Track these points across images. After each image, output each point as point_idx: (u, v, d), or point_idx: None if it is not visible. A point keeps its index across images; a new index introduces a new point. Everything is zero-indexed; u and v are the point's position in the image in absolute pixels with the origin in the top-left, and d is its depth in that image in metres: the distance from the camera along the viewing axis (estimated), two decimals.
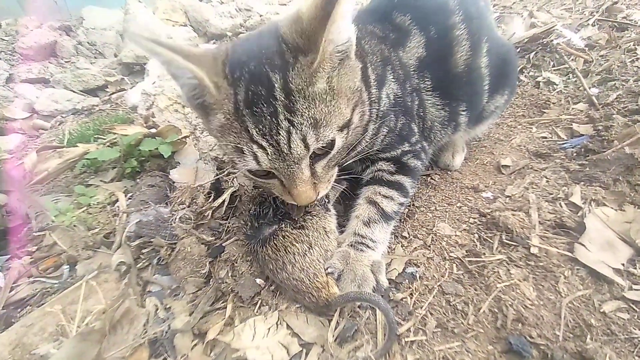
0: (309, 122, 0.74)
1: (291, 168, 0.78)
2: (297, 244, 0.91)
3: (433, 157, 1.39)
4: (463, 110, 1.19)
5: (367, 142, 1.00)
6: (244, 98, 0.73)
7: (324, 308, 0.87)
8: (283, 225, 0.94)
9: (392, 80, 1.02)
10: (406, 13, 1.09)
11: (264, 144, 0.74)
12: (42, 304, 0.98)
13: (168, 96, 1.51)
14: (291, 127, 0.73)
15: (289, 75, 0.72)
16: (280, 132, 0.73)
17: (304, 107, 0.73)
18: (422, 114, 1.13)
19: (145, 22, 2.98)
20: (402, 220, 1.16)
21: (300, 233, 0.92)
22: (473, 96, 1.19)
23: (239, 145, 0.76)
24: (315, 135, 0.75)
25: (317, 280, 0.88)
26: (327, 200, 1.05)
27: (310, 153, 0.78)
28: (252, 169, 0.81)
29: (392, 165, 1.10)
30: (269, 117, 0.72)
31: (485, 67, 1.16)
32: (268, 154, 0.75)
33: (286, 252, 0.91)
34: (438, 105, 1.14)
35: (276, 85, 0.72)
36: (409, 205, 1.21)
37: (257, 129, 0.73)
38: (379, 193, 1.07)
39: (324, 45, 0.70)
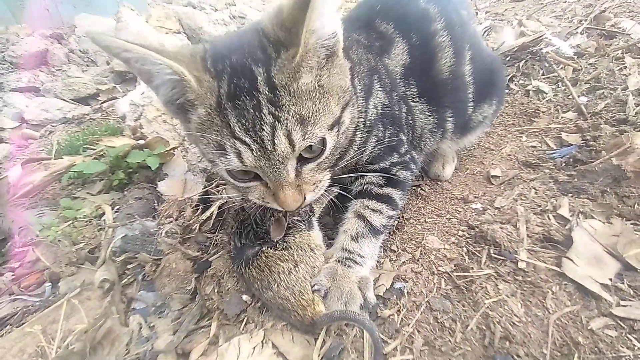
0: (295, 119, 0.71)
1: (276, 168, 0.74)
2: (281, 263, 0.89)
3: (424, 167, 1.39)
4: (449, 117, 1.19)
5: (354, 152, 0.98)
6: (226, 91, 0.70)
7: (309, 327, 0.85)
8: (264, 248, 0.92)
9: (379, 89, 1.01)
10: (389, 21, 1.09)
11: (248, 140, 0.71)
12: (23, 324, 0.95)
13: (156, 107, 1.50)
14: (276, 122, 0.70)
15: (272, 69, 0.70)
16: (264, 128, 0.70)
17: (289, 102, 0.70)
18: (411, 121, 1.12)
19: (137, 30, 2.97)
20: (392, 232, 1.15)
21: (284, 253, 0.91)
22: (458, 103, 1.19)
23: (221, 143, 0.72)
24: (302, 133, 0.72)
25: (302, 298, 0.87)
26: (311, 214, 1.04)
27: (296, 152, 0.74)
28: (235, 169, 0.77)
29: (381, 178, 1.08)
30: (252, 111, 0.69)
31: (469, 75, 1.17)
32: (252, 150, 0.71)
33: (271, 272, 0.89)
34: (426, 111, 1.14)
35: (259, 78, 0.70)
36: (399, 217, 1.21)
37: (240, 124, 0.70)
38: (367, 207, 1.06)
39: (305, 36, 0.68)
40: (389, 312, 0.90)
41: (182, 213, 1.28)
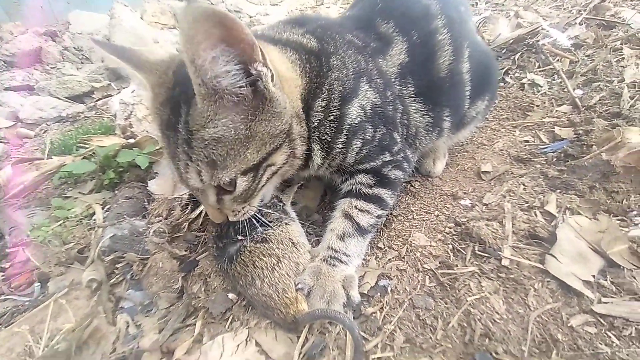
0: (205, 162, 0.76)
1: (196, 192, 0.86)
2: (264, 258, 0.90)
3: (415, 163, 1.38)
4: (447, 116, 1.17)
5: (334, 157, 0.98)
6: (164, 119, 0.78)
7: (292, 325, 0.86)
8: (245, 242, 0.93)
9: (369, 90, 0.98)
10: (389, 20, 1.07)
11: (172, 165, 0.81)
12: (12, 323, 0.97)
13: (146, 106, 1.49)
14: (188, 161, 0.77)
15: (191, 110, 0.73)
16: (179, 163, 0.78)
17: (200, 146, 0.75)
18: (405, 121, 1.10)
19: (131, 26, 2.95)
20: (379, 230, 1.15)
21: (266, 247, 0.91)
22: (456, 101, 1.18)
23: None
24: (210, 175, 0.77)
25: (285, 296, 0.87)
26: (282, 204, 1.05)
27: (208, 187, 0.83)
28: None
29: (371, 177, 1.06)
30: (173, 145, 0.78)
31: (467, 72, 1.15)
32: (176, 175, 0.83)
33: (254, 267, 0.90)
34: (422, 111, 1.12)
35: (181, 117, 0.74)
36: (388, 215, 1.20)
37: (167, 151, 0.81)
38: (355, 207, 1.04)
39: (196, 86, 0.67)
40: (372, 309, 0.90)
41: (172, 212, 1.28)
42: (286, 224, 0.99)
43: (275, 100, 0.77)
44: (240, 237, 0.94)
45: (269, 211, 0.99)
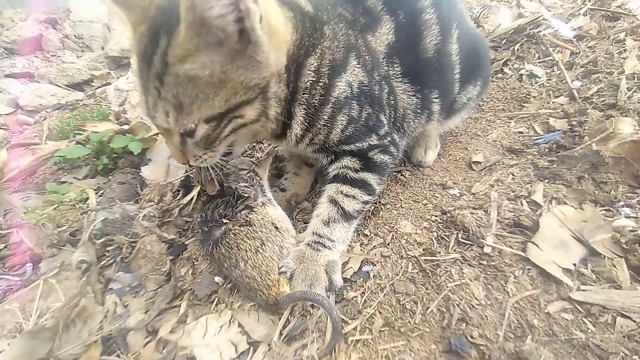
0: (172, 102, 0.74)
1: (160, 130, 0.84)
2: (248, 241, 0.92)
3: (406, 152, 1.38)
4: (435, 98, 1.15)
5: (318, 130, 0.96)
6: (141, 49, 0.74)
7: (273, 306, 0.87)
8: (230, 225, 0.94)
9: (357, 67, 0.95)
10: None
11: (142, 98, 0.79)
12: (3, 302, 1.00)
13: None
14: (157, 99, 0.75)
15: (171, 43, 0.70)
16: (149, 98, 0.77)
17: (172, 82, 0.72)
18: (392, 102, 1.07)
19: None
20: (367, 217, 1.16)
21: (250, 230, 0.93)
22: (444, 84, 1.16)
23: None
24: (175, 118, 0.76)
25: (268, 278, 0.89)
26: (258, 179, 1.07)
27: (173, 129, 0.80)
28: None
29: (357, 161, 1.05)
30: (145, 78, 0.75)
31: (456, 54, 1.13)
32: (144, 108, 0.81)
33: (238, 249, 0.91)
34: (409, 91, 1.09)
35: (159, 49, 0.71)
36: (376, 202, 1.21)
37: (139, 83, 0.78)
38: (341, 192, 1.04)
39: (184, 11, 0.64)
40: (353, 294, 0.92)
41: (163, 197, 1.30)
42: (264, 204, 0.99)
43: (258, 46, 0.73)
44: (225, 221, 0.95)
45: (245, 184, 1.00)
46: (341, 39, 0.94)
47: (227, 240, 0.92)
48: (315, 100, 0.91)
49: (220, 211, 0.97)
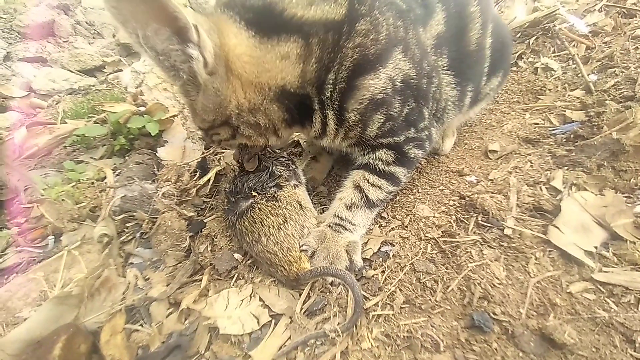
0: (190, 109, 0.91)
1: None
2: (272, 217, 0.93)
3: None
4: (470, 91, 1.15)
5: (350, 127, 0.92)
6: None
7: (294, 282, 0.88)
8: (258, 198, 0.95)
9: (403, 60, 0.88)
10: None
11: None
12: (28, 271, 1.01)
13: (157, 74, 1.51)
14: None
15: None
16: None
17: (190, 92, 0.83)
18: (438, 95, 1.03)
19: None
20: None
21: (275, 205, 0.94)
22: (477, 76, 1.16)
23: None
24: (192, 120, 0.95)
25: (290, 255, 0.90)
26: (291, 164, 1.09)
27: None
28: None
29: (392, 154, 1.00)
30: None
31: (489, 47, 1.13)
32: None
33: (262, 225, 0.92)
34: (453, 84, 1.07)
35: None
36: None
37: None
38: (367, 180, 1.02)
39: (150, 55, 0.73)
40: (373, 272, 0.92)
41: (180, 178, 1.31)
42: (295, 185, 1.00)
43: (206, 90, 0.79)
44: (254, 193, 0.97)
45: (282, 168, 1.01)
46: (382, 32, 0.84)
47: (252, 214, 0.94)
48: (337, 105, 0.88)
49: (251, 184, 0.98)
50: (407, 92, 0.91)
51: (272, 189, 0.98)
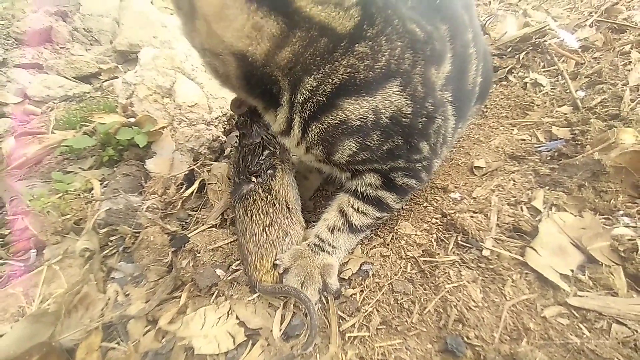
0: None
1: None
2: (261, 215, 0.97)
3: None
4: (460, 127, 1.18)
5: (313, 144, 0.88)
6: None
7: (252, 287, 0.94)
8: (257, 186, 1.02)
9: (397, 94, 0.81)
10: (445, 22, 0.92)
11: None
12: (7, 286, 1.01)
13: (147, 86, 1.52)
14: None
15: None
16: None
17: None
18: (443, 131, 0.97)
19: (140, 10, 2.97)
20: None
21: (268, 200, 1.01)
22: (466, 111, 1.18)
23: None
24: None
25: (261, 262, 0.93)
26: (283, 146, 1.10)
27: None
28: None
29: (379, 178, 0.96)
30: None
31: (478, 85, 1.15)
32: None
33: (251, 220, 0.97)
34: (452, 126, 1.03)
35: None
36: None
37: None
38: (352, 206, 1.00)
39: None
40: (352, 291, 0.93)
41: (167, 190, 1.32)
42: (283, 170, 1.07)
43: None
44: (253, 179, 1.03)
45: (274, 143, 1.10)
46: (380, 61, 0.78)
47: (247, 202, 0.99)
48: (307, 114, 0.83)
49: (251, 167, 1.05)
50: (394, 129, 0.84)
51: (268, 171, 1.04)
